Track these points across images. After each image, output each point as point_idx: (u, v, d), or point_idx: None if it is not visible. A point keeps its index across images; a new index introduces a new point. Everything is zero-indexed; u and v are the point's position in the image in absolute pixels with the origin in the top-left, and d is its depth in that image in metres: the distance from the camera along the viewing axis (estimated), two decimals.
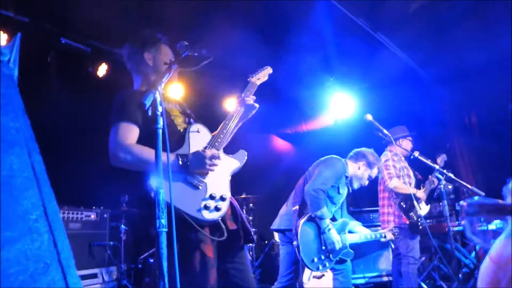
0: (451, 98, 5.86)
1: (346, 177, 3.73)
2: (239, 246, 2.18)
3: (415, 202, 4.25)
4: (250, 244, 4.99)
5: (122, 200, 4.58)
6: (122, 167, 1.98)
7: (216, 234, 1.99)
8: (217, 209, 1.98)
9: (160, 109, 1.61)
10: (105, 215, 4.27)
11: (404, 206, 4.23)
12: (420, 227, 4.18)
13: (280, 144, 6.34)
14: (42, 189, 0.80)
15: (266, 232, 5.58)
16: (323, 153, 6.59)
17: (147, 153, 1.95)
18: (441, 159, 4.26)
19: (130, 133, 2.02)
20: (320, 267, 3.36)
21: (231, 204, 2.12)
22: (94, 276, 3.92)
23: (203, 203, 1.96)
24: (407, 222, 4.19)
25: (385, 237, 3.86)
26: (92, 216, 4.14)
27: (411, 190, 4.27)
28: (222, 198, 2.03)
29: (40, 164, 0.85)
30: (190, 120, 2.30)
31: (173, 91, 2.51)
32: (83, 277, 3.83)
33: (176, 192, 1.56)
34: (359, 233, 3.72)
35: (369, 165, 3.81)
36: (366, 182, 3.86)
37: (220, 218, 2.01)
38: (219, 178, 2.10)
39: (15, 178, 0.77)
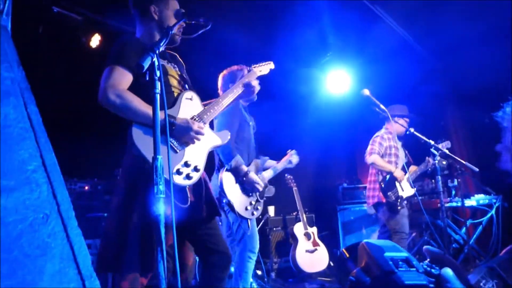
0: (447, 72, 5.84)
1: (242, 108, 3.52)
2: (204, 218, 2.19)
3: (396, 183, 4.33)
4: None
5: (116, 173, 4.56)
6: (107, 108, 1.98)
7: (180, 200, 2.00)
8: (188, 177, 2.00)
9: (158, 73, 1.58)
10: (99, 187, 4.25)
11: (383, 185, 4.32)
12: (399, 207, 4.26)
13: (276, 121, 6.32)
14: (39, 140, 0.78)
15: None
16: (320, 129, 6.60)
17: (137, 102, 1.96)
18: (443, 145, 4.28)
19: (124, 78, 2.01)
20: (255, 213, 3.32)
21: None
22: (88, 246, 3.93)
23: (177, 167, 1.97)
24: (384, 200, 4.28)
25: (290, 162, 3.75)
26: (86, 187, 4.13)
27: (389, 167, 4.36)
28: (196, 169, 2.04)
29: (37, 115, 0.82)
30: (185, 85, 2.28)
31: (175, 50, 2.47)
32: None
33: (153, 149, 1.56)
34: (271, 168, 3.64)
35: (238, 79, 3.38)
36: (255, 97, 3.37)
37: (188, 187, 2.03)
38: (198, 150, 2.11)
39: (11, 128, 0.74)
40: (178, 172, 1.97)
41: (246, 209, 3.26)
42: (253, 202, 3.32)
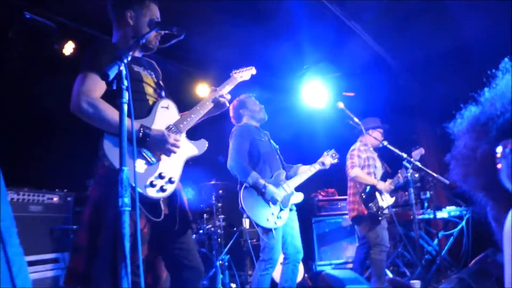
0: (419, 86, 5.97)
1: (254, 128, 3.78)
2: (177, 231, 2.13)
3: (376, 194, 4.36)
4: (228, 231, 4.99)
5: (88, 184, 4.43)
6: (80, 117, 1.92)
7: (153, 214, 1.94)
8: (162, 189, 1.95)
9: (125, 83, 1.54)
10: (68, 199, 4.10)
11: (363, 196, 4.34)
12: (380, 218, 4.28)
13: None
14: None
15: (235, 219, 5.55)
16: (295, 142, 6.62)
17: (111, 112, 1.90)
18: (417, 153, 4.35)
19: (98, 86, 1.94)
20: (277, 222, 3.50)
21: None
22: (55, 260, 3.78)
23: (150, 179, 1.92)
24: (365, 212, 4.29)
25: (323, 164, 3.94)
26: (55, 199, 3.97)
27: (372, 180, 4.39)
28: (171, 181, 2.00)
29: None
30: (162, 93, 2.24)
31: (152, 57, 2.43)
32: (44, 262, 3.67)
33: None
34: (299, 174, 3.84)
35: (246, 105, 3.89)
36: (262, 114, 3.90)
37: (162, 200, 1.97)
38: (173, 160, 2.05)
39: None
40: (152, 185, 1.91)
41: (268, 220, 3.46)
42: (275, 212, 3.50)
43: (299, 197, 3.78)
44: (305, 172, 3.83)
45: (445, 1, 4.31)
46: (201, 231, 5.00)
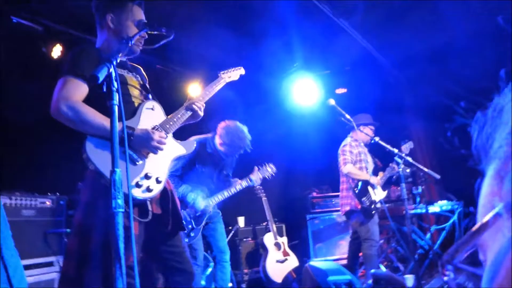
0: (409, 82, 6.02)
1: (206, 152, 3.66)
2: (169, 232, 2.12)
3: (369, 188, 4.40)
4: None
5: (79, 187, 4.41)
6: (60, 121, 1.92)
7: (142, 215, 1.94)
8: (148, 190, 1.95)
9: (115, 85, 1.54)
10: (61, 202, 4.08)
11: (356, 191, 4.37)
12: (373, 212, 4.32)
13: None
14: None
15: (230, 218, 5.57)
16: (288, 139, 6.64)
17: (92, 114, 1.89)
18: (407, 146, 4.39)
19: (78, 90, 1.94)
20: (188, 239, 3.53)
21: (164, 189, 2.08)
22: (50, 264, 3.76)
23: (136, 180, 1.91)
24: (359, 206, 4.33)
25: (250, 180, 3.85)
26: (48, 202, 3.94)
27: (365, 176, 4.43)
28: (158, 181, 1.99)
29: None
30: (148, 95, 2.23)
31: (137, 59, 2.41)
32: (39, 265, 3.66)
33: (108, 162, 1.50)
34: (221, 192, 3.74)
35: (231, 137, 3.64)
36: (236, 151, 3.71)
37: (149, 200, 1.97)
38: (160, 160, 2.05)
39: None
40: (138, 185, 1.91)
41: None
42: (190, 226, 3.54)
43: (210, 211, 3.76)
44: (229, 190, 3.78)
45: None
46: None
